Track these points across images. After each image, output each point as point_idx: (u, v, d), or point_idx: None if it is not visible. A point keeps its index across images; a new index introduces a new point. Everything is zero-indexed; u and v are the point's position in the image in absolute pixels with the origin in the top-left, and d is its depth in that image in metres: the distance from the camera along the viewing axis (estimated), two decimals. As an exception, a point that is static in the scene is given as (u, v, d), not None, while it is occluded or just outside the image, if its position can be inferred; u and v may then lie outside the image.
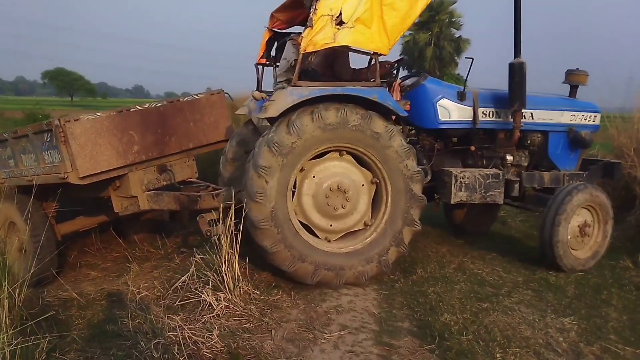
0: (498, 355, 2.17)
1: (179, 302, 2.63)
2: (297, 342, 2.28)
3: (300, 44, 2.73)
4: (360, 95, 2.78)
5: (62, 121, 2.72)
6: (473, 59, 3.23)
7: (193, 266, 2.80)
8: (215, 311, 2.47)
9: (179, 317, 2.37)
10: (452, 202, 3.19)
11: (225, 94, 3.66)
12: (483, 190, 3.17)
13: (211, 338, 2.17)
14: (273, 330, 2.38)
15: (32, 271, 3.03)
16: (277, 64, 3.61)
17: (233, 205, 2.79)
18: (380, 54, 2.91)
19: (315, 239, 2.93)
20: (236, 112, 3.90)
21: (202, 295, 2.55)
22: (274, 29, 3.52)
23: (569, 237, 3.09)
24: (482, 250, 3.71)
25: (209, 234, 2.90)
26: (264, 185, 2.72)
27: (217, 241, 2.72)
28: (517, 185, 3.35)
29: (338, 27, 2.71)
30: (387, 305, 2.73)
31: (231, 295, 2.60)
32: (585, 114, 3.47)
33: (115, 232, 4.00)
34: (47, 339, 2.01)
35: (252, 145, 3.32)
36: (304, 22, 3.45)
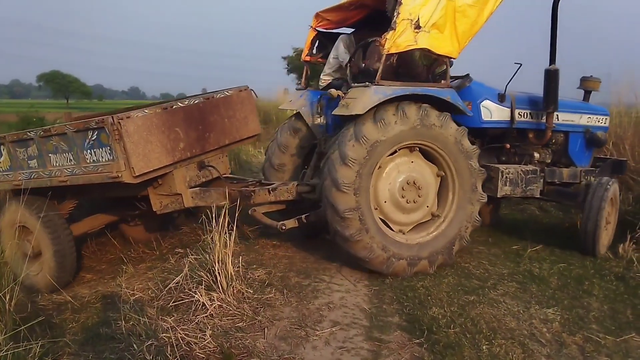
0: (484, 347, 2.24)
1: (172, 303, 2.65)
2: (289, 340, 2.33)
3: (383, 46, 2.90)
4: (436, 96, 3.03)
5: (115, 119, 2.67)
6: (521, 65, 3.41)
7: (187, 267, 2.83)
8: (209, 311, 2.50)
9: (172, 318, 2.40)
10: (498, 196, 3.40)
11: (251, 91, 3.73)
12: (524, 185, 3.43)
13: (204, 338, 2.21)
14: (266, 329, 2.42)
15: (55, 276, 3.07)
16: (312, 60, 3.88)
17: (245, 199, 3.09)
18: (451, 58, 3.16)
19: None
20: (281, 107, 3.99)
21: (196, 296, 2.58)
22: (318, 29, 3.76)
23: None
24: (468, 244, 3.80)
25: (283, 227, 3.17)
26: (360, 153, 2.87)
27: (210, 240, 2.76)
28: (542, 180, 3.59)
29: (416, 31, 2.92)
30: (377, 300, 2.79)
31: (224, 294, 2.64)
32: (599, 116, 3.83)
33: (120, 232, 4.01)
34: (39, 344, 2.02)
35: (305, 141, 3.71)
36: (358, 23, 3.73)
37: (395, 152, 3.06)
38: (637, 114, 4.98)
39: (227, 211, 2.99)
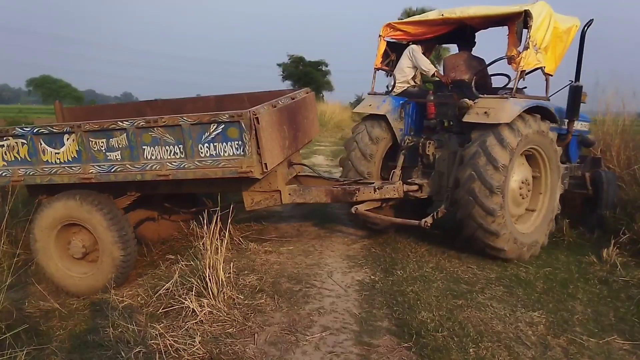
0: (471, 350, 2.28)
1: (162, 309, 2.65)
2: (279, 345, 2.34)
3: (518, 64, 3.38)
4: (548, 108, 3.60)
5: (252, 113, 2.62)
6: (571, 82, 3.86)
7: (177, 273, 2.82)
8: (199, 317, 2.50)
9: (161, 324, 2.40)
10: None
11: (313, 93, 3.90)
12: (564, 180, 3.95)
13: (193, 344, 2.21)
14: (256, 334, 2.43)
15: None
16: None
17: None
18: (551, 75, 3.69)
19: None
20: (366, 112, 4.18)
21: (186, 302, 2.58)
22: (389, 39, 4.15)
23: None
24: (458, 248, 3.84)
25: (428, 225, 3.43)
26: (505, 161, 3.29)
27: (202, 247, 2.78)
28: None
29: (536, 51, 3.39)
30: (367, 305, 2.82)
31: (215, 300, 2.64)
32: (586, 123, 4.45)
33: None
34: (24, 352, 2.00)
35: (387, 143, 4.07)
36: (440, 38, 4.14)
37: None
38: (624, 123, 5.15)
39: (218, 217, 3.01)
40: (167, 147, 2.83)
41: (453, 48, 4.63)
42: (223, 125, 2.70)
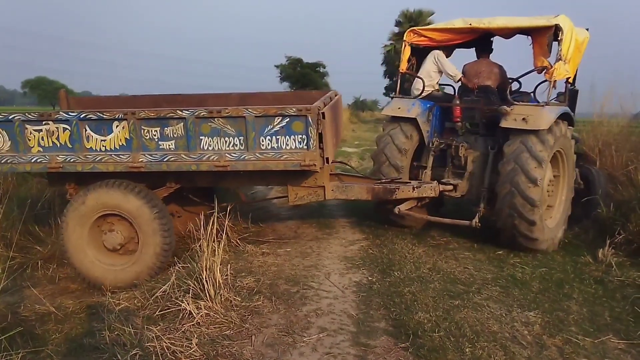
0: (467, 350, 2.29)
1: (159, 312, 2.64)
2: (276, 347, 2.34)
3: (551, 75, 3.57)
4: (570, 114, 3.89)
5: (316, 108, 2.72)
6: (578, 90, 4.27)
7: (174, 275, 2.82)
8: (196, 319, 2.50)
9: (158, 327, 2.39)
10: None
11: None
12: None
13: (190, 347, 2.21)
14: (253, 336, 2.43)
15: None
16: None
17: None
18: (571, 83, 3.96)
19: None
20: (402, 115, 4.23)
21: (183, 304, 2.57)
22: (414, 44, 4.26)
23: None
24: (455, 250, 3.87)
25: (478, 225, 3.63)
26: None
27: (198, 249, 2.77)
28: None
29: (563, 62, 3.62)
30: (364, 306, 2.82)
31: (212, 303, 2.64)
32: None
33: None
34: (20, 355, 1.99)
35: (416, 143, 4.17)
36: (462, 45, 4.30)
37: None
38: (619, 124, 5.20)
39: (215, 219, 3.00)
40: (226, 138, 2.83)
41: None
42: (288, 119, 2.76)
